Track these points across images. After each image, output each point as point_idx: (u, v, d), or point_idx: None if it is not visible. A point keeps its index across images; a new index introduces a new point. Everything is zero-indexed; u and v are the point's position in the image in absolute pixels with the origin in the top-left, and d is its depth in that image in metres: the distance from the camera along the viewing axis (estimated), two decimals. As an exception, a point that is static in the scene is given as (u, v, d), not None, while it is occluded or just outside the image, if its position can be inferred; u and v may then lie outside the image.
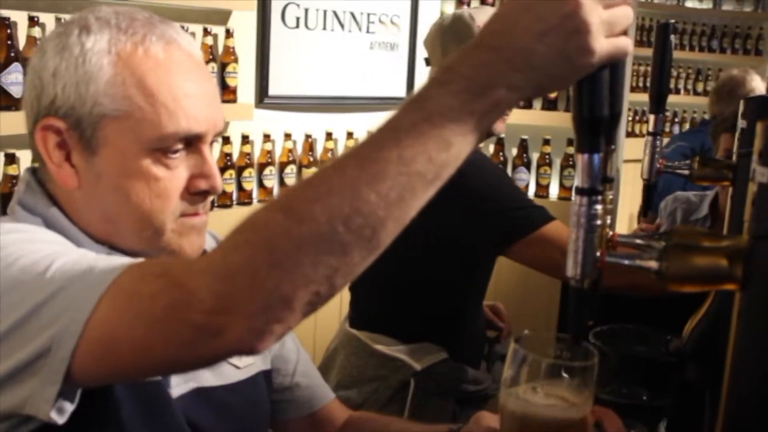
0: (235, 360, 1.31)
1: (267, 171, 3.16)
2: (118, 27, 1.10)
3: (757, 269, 0.88)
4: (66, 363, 0.88)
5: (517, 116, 3.62)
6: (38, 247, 0.98)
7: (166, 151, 1.11)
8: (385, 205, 0.80)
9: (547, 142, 3.60)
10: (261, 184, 3.17)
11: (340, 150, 3.39)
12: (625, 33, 0.85)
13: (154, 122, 1.09)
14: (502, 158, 3.61)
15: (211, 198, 1.19)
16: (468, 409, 2.30)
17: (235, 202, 3.07)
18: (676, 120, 5.78)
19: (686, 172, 1.73)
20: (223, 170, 2.93)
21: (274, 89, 3.19)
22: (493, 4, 3.67)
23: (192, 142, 1.13)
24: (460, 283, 2.20)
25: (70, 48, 1.09)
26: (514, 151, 3.65)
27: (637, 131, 5.24)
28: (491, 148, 3.66)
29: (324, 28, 3.36)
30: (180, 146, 1.12)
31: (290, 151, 3.22)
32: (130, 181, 1.11)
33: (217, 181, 1.15)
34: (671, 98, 4.91)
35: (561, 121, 3.59)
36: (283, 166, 3.22)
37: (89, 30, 1.10)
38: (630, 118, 5.19)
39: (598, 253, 0.93)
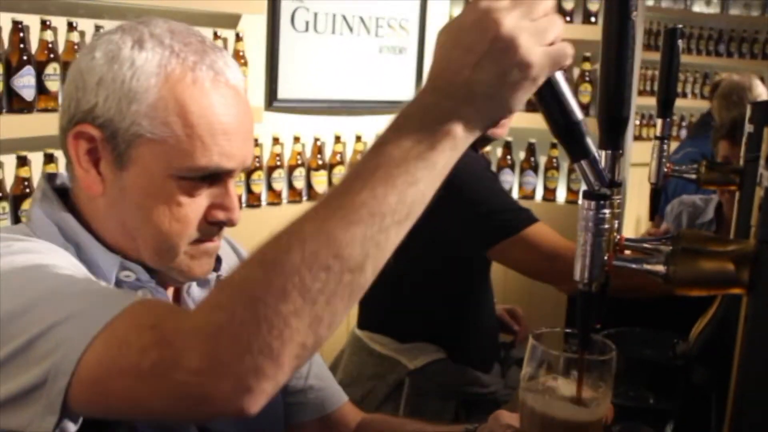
0: None
1: (276, 174, 3.18)
2: (171, 49, 1.12)
3: (763, 273, 0.90)
4: (61, 396, 0.88)
5: (524, 120, 3.60)
6: (45, 273, 0.99)
7: (192, 179, 1.13)
8: (361, 248, 0.81)
9: (554, 145, 3.60)
10: (270, 187, 3.18)
11: (349, 153, 3.40)
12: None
13: (187, 153, 1.11)
14: (509, 162, 3.62)
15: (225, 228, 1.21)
16: (476, 413, 2.31)
17: (245, 205, 3.09)
18: (684, 124, 5.78)
19: (693, 176, 1.74)
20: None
21: (283, 92, 3.20)
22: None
23: (219, 176, 1.15)
24: (453, 284, 2.23)
25: (120, 60, 1.10)
26: (522, 155, 3.66)
27: (644, 135, 5.24)
28: (499, 152, 3.67)
29: (333, 32, 3.38)
30: (207, 177, 1.14)
31: (299, 154, 3.23)
32: (153, 201, 1.13)
33: (235, 215, 1.18)
34: (678, 102, 4.88)
35: (568, 125, 3.59)
36: (291, 169, 3.23)
37: (142, 46, 1.11)
38: (637, 122, 5.19)
39: (605, 257, 0.94)
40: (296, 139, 3.23)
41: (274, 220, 3.24)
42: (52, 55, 2.38)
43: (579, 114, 0.88)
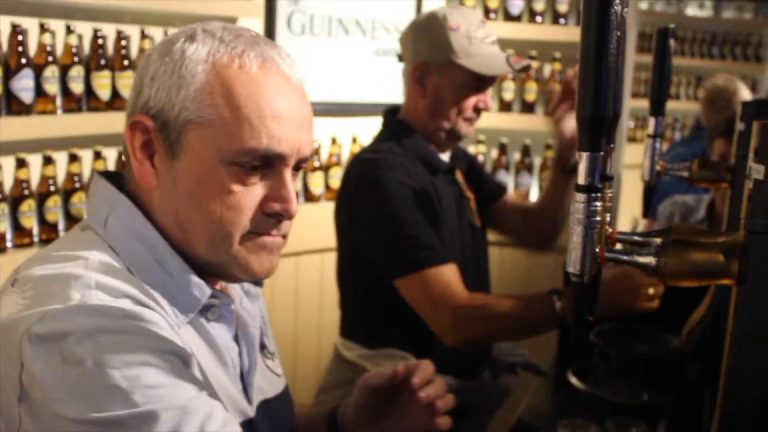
0: (276, 368, 1.38)
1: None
2: (221, 39, 1.13)
3: (753, 264, 0.91)
4: None
5: (519, 122, 3.66)
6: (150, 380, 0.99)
7: (244, 166, 1.11)
8: None
9: (549, 147, 3.63)
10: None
11: (345, 155, 3.42)
12: None
13: (234, 135, 1.10)
14: (505, 162, 3.64)
15: (287, 223, 1.18)
16: (460, 420, 2.29)
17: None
18: (677, 125, 5.81)
19: (686, 174, 1.76)
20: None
21: (279, 95, 3.20)
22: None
23: (273, 163, 1.13)
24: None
25: (172, 54, 1.12)
26: (517, 156, 3.69)
27: (638, 137, 5.26)
28: (494, 153, 3.70)
29: (329, 35, 3.40)
30: (259, 164, 1.12)
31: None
32: (204, 189, 1.12)
33: (291, 205, 1.15)
34: (672, 104, 4.93)
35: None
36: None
37: (194, 39, 1.13)
38: (632, 125, 5.22)
39: (597, 249, 0.96)
40: (293, 141, 3.23)
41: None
42: (50, 58, 2.39)
43: (611, 110, 0.91)
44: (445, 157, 2.27)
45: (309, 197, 3.31)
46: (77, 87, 2.48)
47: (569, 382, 2.03)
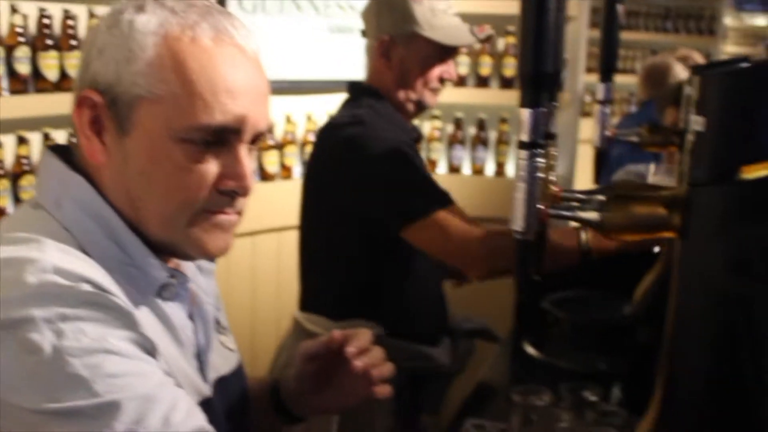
0: (230, 344, 1.36)
1: (227, 155, 3.16)
2: (172, 10, 1.08)
3: (694, 216, 0.92)
4: None
5: (474, 96, 3.65)
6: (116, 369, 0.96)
7: (197, 143, 1.07)
8: None
9: (504, 120, 3.63)
10: (221, 169, 3.16)
11: (300, 133, 3.40)
12: None
13: (186, 111, 1.06)
14: (460, 137, 3.64)
15: (242, 200, 1.14)
16: (424, 387, 2.31)
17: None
18: (632, 99, 5.85)
19: (636, 139, 1.77)
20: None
21: (231, 73, 3.17)
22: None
23: (227, 139, 1.09)
24: (379, 258, 2.19)
25: (120, 25, 1.08)
26: (473, 131, 3.68)
27: (594, 111, 5.28)
28: (450, 128, 3.69)
29: (281, 12, 3.36)
30: (212, 140, 1.08)
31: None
32: (156, 167, 1.08)
33: (247, 182, 1.11)
34: (626, 79, 4.96)
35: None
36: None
37: (143, 9, 1.08)
38: (588, 99, 5.24)
39: (541, 206, 0.96)
40: (246, 120, 3.20)
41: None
42: (21, 39, 2.37)
43: (551, 66, 0.90)
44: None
45: (264, 176, 3.28)
46: (23, 68, 2.44)
47: (526, 351, 2.04)
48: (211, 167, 1.09)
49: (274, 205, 3.22)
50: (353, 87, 2.30)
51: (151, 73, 1.06)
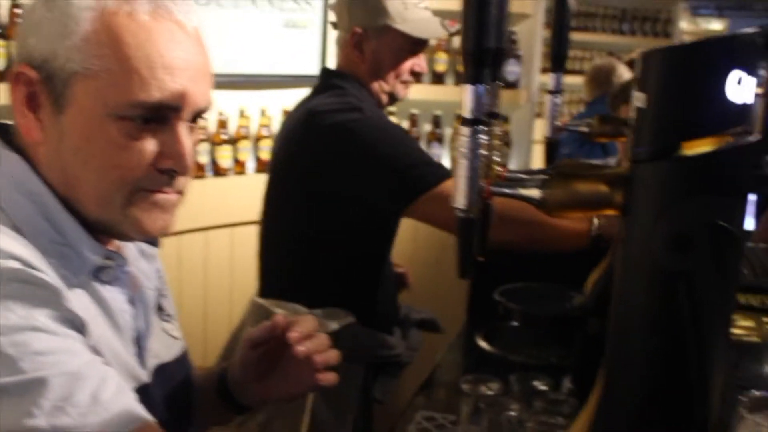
0: (174, 332, 1.33)
1: (179, 150, 3.12)
2: None
3: (636, 193, 0.91)
4: None
5: (429, 92, 3.64)
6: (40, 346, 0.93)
7: (134, 120, 1.05)
8: None
9: (459, 117, 3.62)
10: (173, 163, 3.12)
11: (254, 127, 3.36)
12: None
13: (122, 88, 1.04)
14: (416, 134, 3.63)
15: (182, 179, 1.12)
16: (383, 375, 2.31)
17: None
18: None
19: (586, 129, 1.78)
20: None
21: (185, 67, 3.13)
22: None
23: (166, 117, 1.07)
24: (363, 244, 2.21)
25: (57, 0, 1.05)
26: (428, 127, 3.68)
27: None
28: (405, 125, 3.68)
29: (236, 6, 3.32)
30: (150, 117, 1.06)
31: (202, 129, 3.18)
32: (92, 145, 1.06)
33: (185, 161, 1.09)
34: (579, 78, 5.00)
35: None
36: (194, 144, 3.16)
37: None
38: (543, 100, 5.26)
39: (483, 184, 0.95)
40: (199, 114, 3.16)
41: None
42: None
43: (494, 43, 0.90)
44: None
45: (217, 171, 3.23)
46: (-33, 57, 2.40)
47: (477, 344, 2.03)
48: (149, 145, 1.07)
49: (227, 201, 3.19)
50: (331, 74, 2.30)
51: (86, 49, 1.04)
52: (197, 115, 1.13)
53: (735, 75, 0.87)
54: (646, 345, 0.92)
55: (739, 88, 0.87)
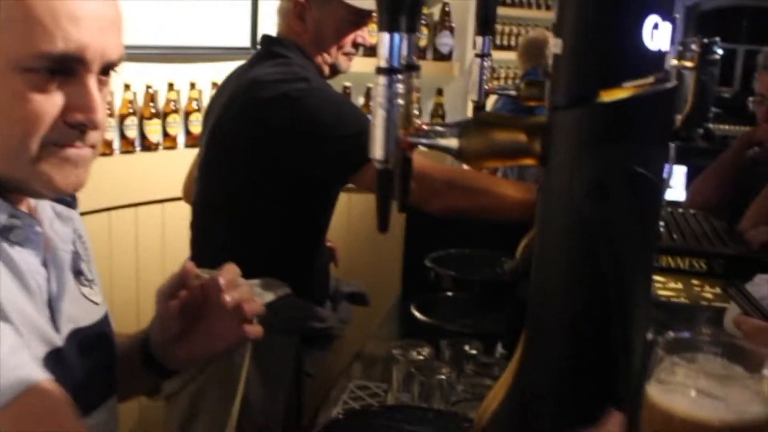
0: (94, 296, 1.29)
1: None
2: None
3: (554, 141, 0.90)
4: None
5: (364, 65, 3.60)
6: None
7: (40, 72, 1.02)
8: None
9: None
10: (101, 138, 3.05)
11: (183, 101, 3.30)
12: None
13: (25, 39, 1.00)
14: (372, 107, 3.61)
15: (94, 133, 1.09)
16: (313, 348, 2.29)
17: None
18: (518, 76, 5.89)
19: (514, 93, 1.76)
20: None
21: (111, 39, 3.05)
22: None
23: (74, 69, 1.05)
24: (301, 214, 2.19)
25: None
26: (362, 100, 3.66)
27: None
28: (361, 100, 3.67)
29: (165, -23, 3.26)
30: (57, 69, 1.03)
31: (130, 102, 3.11)
32: None
33: (96, 115, 1.07)
34: (510, 54, 5.01)
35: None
36: (123, 118, 3.10)
37: None
38: (497, 77, 5.26)
39: (400, 133, 0.93)
40: (127, 87, 3.09)
41: (107, 171, 3.11)
42: None
43: None
44: None
45: (146, 146, 3.17)
46: None
47: (412, 313, 2.03)
48: (56, 98, 1.04)
49: (157, 176, 3.13)
50: (273, 41, 2.25)
51: None
52: (108, 68, 1.10)
53: (651, 20, 0.86)
54: (568, 296, 0.91)
55: (656, 33, 0.86)
